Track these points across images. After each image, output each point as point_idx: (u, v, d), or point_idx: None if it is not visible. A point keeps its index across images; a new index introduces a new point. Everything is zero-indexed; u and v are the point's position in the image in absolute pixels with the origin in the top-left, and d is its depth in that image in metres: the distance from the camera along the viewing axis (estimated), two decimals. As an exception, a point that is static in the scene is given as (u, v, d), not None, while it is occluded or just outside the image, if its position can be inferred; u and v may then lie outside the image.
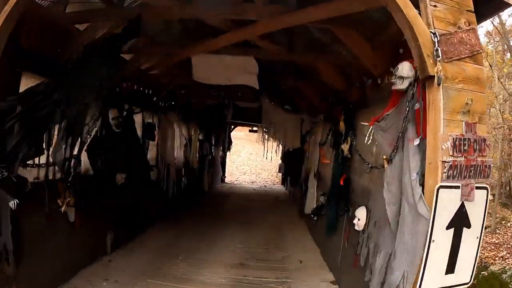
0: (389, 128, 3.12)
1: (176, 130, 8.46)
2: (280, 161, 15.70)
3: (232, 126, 16.43)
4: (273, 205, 10.67)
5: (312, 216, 6.05)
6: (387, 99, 3.76)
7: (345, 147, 4.53)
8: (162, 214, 7.70)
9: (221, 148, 15.53)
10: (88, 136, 4.77)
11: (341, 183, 4.58)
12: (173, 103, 8.23)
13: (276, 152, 10.77)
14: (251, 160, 19.99)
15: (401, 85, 2.89)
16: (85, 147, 4.72)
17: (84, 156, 4.83)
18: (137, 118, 6.50)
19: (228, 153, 16.67)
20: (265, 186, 16.21)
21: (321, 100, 6.91)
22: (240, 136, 19.20)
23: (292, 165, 10.53)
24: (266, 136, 10.50)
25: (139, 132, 6.43)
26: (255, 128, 17.22)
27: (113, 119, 5.24)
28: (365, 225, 3.94)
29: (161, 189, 7.53)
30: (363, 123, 3.55)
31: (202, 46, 4.84)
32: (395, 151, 2.86)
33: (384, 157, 2.95)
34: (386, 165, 2.93)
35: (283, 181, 15.97)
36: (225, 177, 16.72)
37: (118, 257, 5.44)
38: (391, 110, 3.15)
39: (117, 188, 5.55)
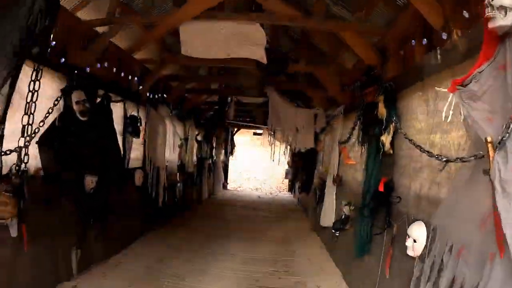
0: (485, 93, 1.89)
1: (169, 127, 7.28)
2: (287, 167, 14.51)
3: (235, 129, 15.29)
4: (280, 215, 9.38)
5: (333, 231, 4.78)
6: (457, 61, 2.57)
7: (386, 139, 3.28)
8: (149, 226, 6.46)
9: (224, 152, 14.35)
10: (42, 124, 3.68)
11: (381, 189, 3.33)
12: (165, 95, 7.06)
13: (284, 154, 9.48)
14: (256, 165, 18.71)
15: (504, 20, 1.71)
16: (35, 139, 3.61)
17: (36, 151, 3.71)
18: (117, 109, 5.34)
19: (231, 157, 15.46)
20: (270, 193, 14.94)
21: (341, 88, 5.70)
22: (244, 140, 17.97)
23: (303, 169, 9.31)
24: (272, 139, 9.23)
25: (118, 125, 5.26)
26: (259, 131, 16.06)
27: (78, 103, 4.05)
28: (424, 249, 2.69)
29: (149, 196, 6.31)
30: (439, 89, 2.30)
31: (191, 7, 3.66)
32: (510, 125, 1.63)
33: (489, 139, 1.71)
34: (491, 153, 1.69)
35: (290, 188, 14.71)
36: (227, 183, 15.50)
37: (85, 281, 4.18)
38: (485, 65, 1.93)
39: (86, 194, 4.36)
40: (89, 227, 4.49)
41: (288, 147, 11.49)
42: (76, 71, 4.20)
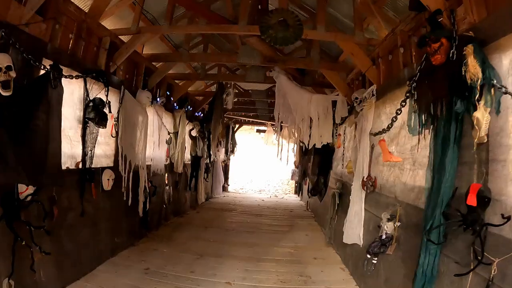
0: None
1: (154, 118, 5.97)
2: (293, 167, 13.16)
3: (237, 126, 13.96)
4: (287, 222, 8.01)
5: (369, 256, 3.42)
6: None
7: (483, 116, 1.93)
8: (124, 241, 5.13)
9: (224, 151, 12.99)
10: None
11: (471, 201, 1.98)
12: (146, 78, 5.75)
13: (293, 151, 8.07)
14: (259, 165, 17.38)
15: None
16: None
17: None
18: (75, 88, 4.04)
19: (232, 157, 14.09)
20: (275, 195, 13.58)
21: (372, 62, 4.35)
22: (246, 138, 16.66)
23: (314, 169, 7.95)
24: (279, 134, 7.86)
25: (71, 109, 3.95)
26: (263, 128, 14.72)
27: (-4, 71, 2.74)
28: None
29: (124, 203, 4.97)
30: None
31: None
32: None
33: None
34: None
35: (297, 190, 13.34)
36: (228, 185, 14.17)
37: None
38: None
39: (19, 203, 3.06)
40: (27, 248, 3.18)
41: (296, 143, 10.15)
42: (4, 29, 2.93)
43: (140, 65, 5.63)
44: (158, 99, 6.06)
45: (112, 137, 4.75)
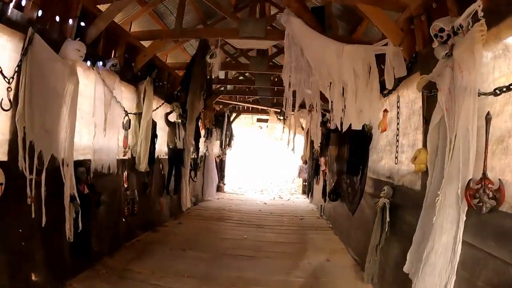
0: None
1: (97, 88, 3.92)
2: (300, 162, 11.14)
3: (234, 114, 11.91)
4: (298, 238, 5.94)
5: None
6: None
7: None
8: (46, 282, 3.11)
9: (219, 144, 10.90)
10: None
11: None
12: (82, 24, 3.70)
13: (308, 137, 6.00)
14: (261, 161, 15.34)
15: None
16: None
17: None
18: None
19: (228, 151, 12.02)
20: (280, 197, 11.53)
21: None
22: (247, 131, 14.61)
23: (337, 163, 5.98)
24: (286, 115, 5.86)
25: None
26: (265, 117, 12.64)
27: None
28: None
29: (35, 223, 2.94)
30: None
31: None
32: None
33: None
34: None
35: (306, 190, 11.30)
36: (224, 184, 12.14)
37: None
38: None
39: None
40: None
41: (304, 135, 8.12)
42: None
43: (73, 5, 3.59)
44: (105, 61, 4.01)
45: (3, 110, 2.71)
